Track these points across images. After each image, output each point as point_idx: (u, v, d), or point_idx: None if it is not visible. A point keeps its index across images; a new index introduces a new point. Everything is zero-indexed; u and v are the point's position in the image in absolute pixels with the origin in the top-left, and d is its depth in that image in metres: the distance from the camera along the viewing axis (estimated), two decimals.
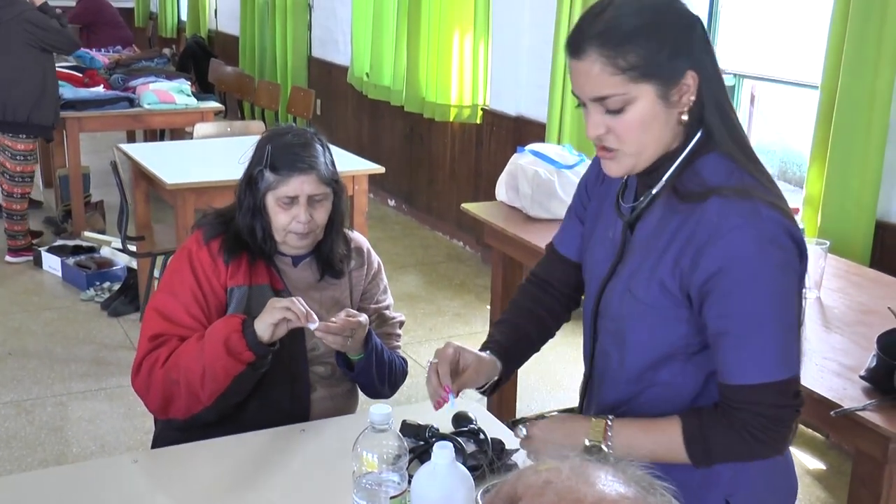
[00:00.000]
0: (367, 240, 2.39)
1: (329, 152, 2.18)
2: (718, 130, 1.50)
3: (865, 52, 3.32)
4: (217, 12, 10.11)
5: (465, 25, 5.65)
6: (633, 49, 1.43)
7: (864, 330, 2.45)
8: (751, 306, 1.45)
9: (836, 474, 3.48)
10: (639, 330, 1.57)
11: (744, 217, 1.43)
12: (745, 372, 1.46)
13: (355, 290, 2.28)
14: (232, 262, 2.12)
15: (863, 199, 3.40)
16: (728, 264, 1.44)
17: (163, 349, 2.04)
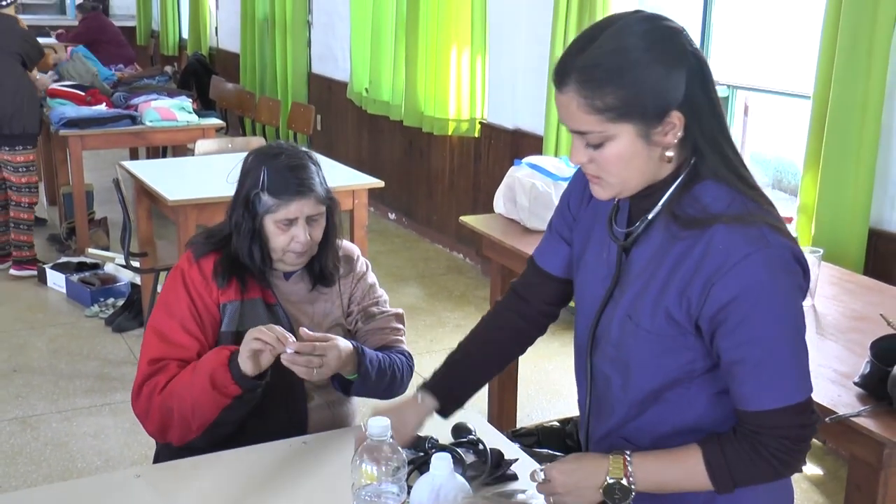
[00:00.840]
0: (357, 248, 2.38)
1: (320, 170, 2.19)
2: (711, 159, 1.49)
3: (856, 63, 3.34)
4: (218, 30, 10.15)
5: (462, 41, 5.67)
6: (611, 91, 1.41)
7: (858, 337, 2.45)
8: (767, 333, 1.45)
9: (833, 479, 3.48)
10: (642, 357, 1.56)
11: (753, 245, 1.43)
12: (766, 397, 1.47)
13: (344, 297, 2.27)
14: (231, 280, 2.14)
15: (856, 208, 3.41)
16: (742, 293, 1.43)
17: (161, 375, 2.05)
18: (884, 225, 3.47)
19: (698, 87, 1.45)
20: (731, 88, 4.38)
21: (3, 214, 5.68)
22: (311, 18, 8.02)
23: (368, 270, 2.36)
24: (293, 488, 1.83)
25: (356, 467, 1.57)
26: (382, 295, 2.36)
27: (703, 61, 1.47)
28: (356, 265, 2.33)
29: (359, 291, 2.30)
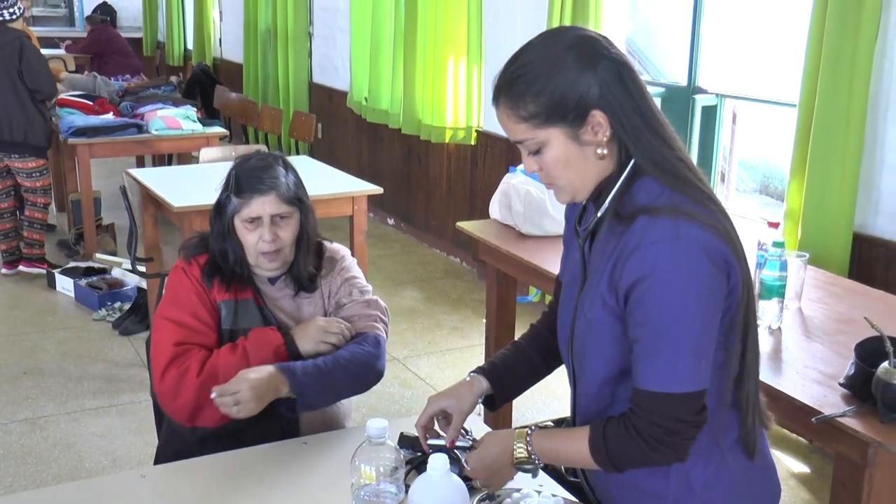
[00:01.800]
0: (344, 249, 2.36)
1: (292, 173, 2.19)
2: (640, 159, 1.51)
3: (840, 73, 3.34)
4: (222, 41, 10.15)
5: (458, 51, 5.67)
6: (531, 99, 1.48)
7: (843, 339, 2.45)
8: (660, 319, 1.45)
9: (820, 477, 3.48)
10: (593, 347, 1.59)
11: (663, 234, 1.45)
12: (647, 379, 1.48)
13: (328, 301, 2.26)
14: (216, 280, 2.16)
15: (840, 213, 3.41)
16: (643, 277, 1.45)
17: (191, 359, 2.06)
18: (867, 229, 3.47)
19: (616, 87, 1.48)
20: (719, 97, 4.38)
21: (11, 221, 5.71)
22: (312, 30, 8.03)
23: (351, 266, 2.32)
24: (293, 488, 1.83)
25: (355, 468, 1.57)
26: (360, 285, 2.30)
27: (621, 62, 1.50)
28: (340, 265, 2.30)
29: (335, 287, 2.28)
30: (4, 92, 5.34)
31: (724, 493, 1.59)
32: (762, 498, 1.68)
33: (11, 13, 5.39)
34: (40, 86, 5.47)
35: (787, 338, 2.51)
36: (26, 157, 5.50)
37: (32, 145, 5.47)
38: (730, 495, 1.60)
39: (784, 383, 2.23)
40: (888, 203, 3.41)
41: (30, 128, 5.42)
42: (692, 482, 1.57)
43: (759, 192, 5.78)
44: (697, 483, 1.57)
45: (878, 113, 3.38)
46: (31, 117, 5.42)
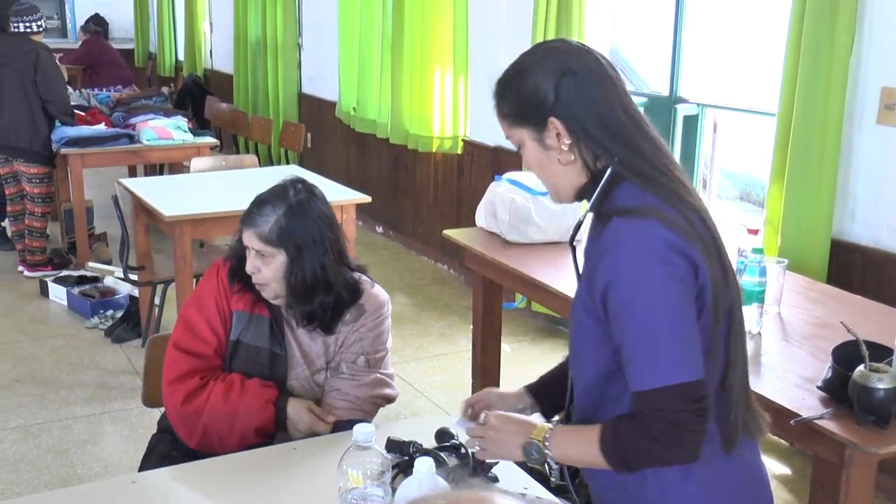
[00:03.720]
0: (384, 299, 2.28)
1: (291, 215, 2.11)
2: (612, 164, 1.53)
3: (817, 83, 3.37)
4: (212, 52, 10.14)
5: (445, 62, 5.68)
6: (507, 100, 1.58)
7: (821, 343, 2.47)
8: (639, 318, 1.46)
9: (801, 478, 3.49)
10: (580, 348, 1.61)
11: (632, 234, 1.47)
12: (641, 379, 1.47)
13: (335, 348, 2.22)
14: (239, 287, 2.19)
15: (818, 220, 3.43)
16: (615, 277, 1.47)
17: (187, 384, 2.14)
18: (844, 236, 3.49)
19: (574, 97, 1.52)
20: (700, 107, 4.41)
21: (17, 224, 5.87)
22: (301, 41, 8.03)
23: (378, 324, 2.24)
24: (283, 493, 1.83)
25: (342, 472, 1.57)
26: (375, 354, 2.23)
27: (586, 72, 1.53)
28: (367, 316, 2.23)
29: (350, 340, 2.21)
30: (15, 99, 5.48)
31: (699, 490, 1.58)
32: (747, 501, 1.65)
33: (38, 26, 5.61)
34: (53, 97, 5.60)
35: (767, 342, 2.52)
36: (30, 163, 5.63)
37: (36, 152, 5.60)
38: (707, 494, 1.59)
39: (764, 387, 2.24)
40: (864, 210, 3.43)
41: (35, 136, 5.56)
42: (664, 475, 1.56)
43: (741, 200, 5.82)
44: (671, 479, 1.56)
45: (854, 122, 3.41)
46: (39, 126, 5.57)
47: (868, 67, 3.35)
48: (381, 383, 2.23)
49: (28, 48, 5.50)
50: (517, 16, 5.05)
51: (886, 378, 2.00)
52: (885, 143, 3.34)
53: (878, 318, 2.64)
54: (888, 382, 2.00)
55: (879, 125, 3.34)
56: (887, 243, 3.36)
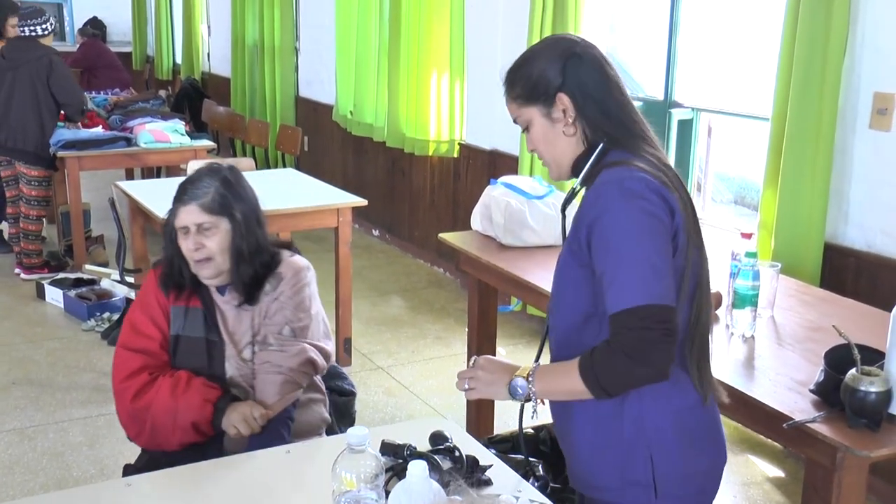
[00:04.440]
0: (303, 264, 2.33)
1: (227, 184, 2.21)
2: (608, 133, 1.74)
3: (811, 87, 3.38)
4: (210, 56, 10.14)
5: (441, 65, 5.69)
6: (518, 83, 1.79)
7: (814, 346, 2.48)
8: (615, 246, 1.64)
9: (794, 481, 3.50)
10: (562, 292, 1.79)
11: (614, 177, 1.68)
12: (616, 301, 1.63)
13: (260, 320, 2.25)
14: (170, 285, 2.25)
15: (812, 224, 3.44)
16: (599, 213, 1.66)
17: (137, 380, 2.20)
18: (838, 240, 3.50)
19: (581, 76, 1.74)
20: (695, 111, 4.42)
21: (16, 227, 5.91)
22: (298, 45, 8.04)
23: (299, 290, 2.27)
24: (277, 495, 1.83)
25: (336, 475, 1.57)
26: (298, 321, 2.25)
27: (588, 58, 1.76)
28: (284, 283, 2.26)
29: (273, 309, 2.24)
30: (24, 102, 5.55)
31: (669, 444, 1.75)
32: (708, 456, 1.81)
33: (44, 29, 5.64)
34: (71, 100, 5.71)
35: (760, 345, 2.53)
36: (31, 165, 5.67)
37: (40, 156, 5.64)
38: (674, 448, 1.75)
39: (757, 390, 2.25)
40: (857, 214, 3.44)
41: (42, 139, 5.63)
42: (643, 428, 1.73)
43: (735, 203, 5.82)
44: (648, 429, 1.73)
45: (847, 126, 3.42)
46: (46, 130, 5.64)
47: (861, 72, 3.36)
48: (307, 352, 2.25)
49: (40, 53, 5.58)
50: (513, 20, 5.06)
51: (878, 381, 2.01)
52: (877, 147, 3.35)
53: (870, 321, 2.64)
54: (879, 386, 2.00)
55: (872, 129, 3.35)
56: (880, 247, 3.37)
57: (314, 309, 2.30)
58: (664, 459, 1.75)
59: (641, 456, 1.74)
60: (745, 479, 3.56)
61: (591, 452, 1.78)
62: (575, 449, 1.82)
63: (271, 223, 4.31)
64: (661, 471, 1.74)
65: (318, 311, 2.33)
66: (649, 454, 1.74)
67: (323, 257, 6.13)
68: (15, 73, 5.55)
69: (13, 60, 5.58)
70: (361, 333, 4.84)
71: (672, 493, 1.76)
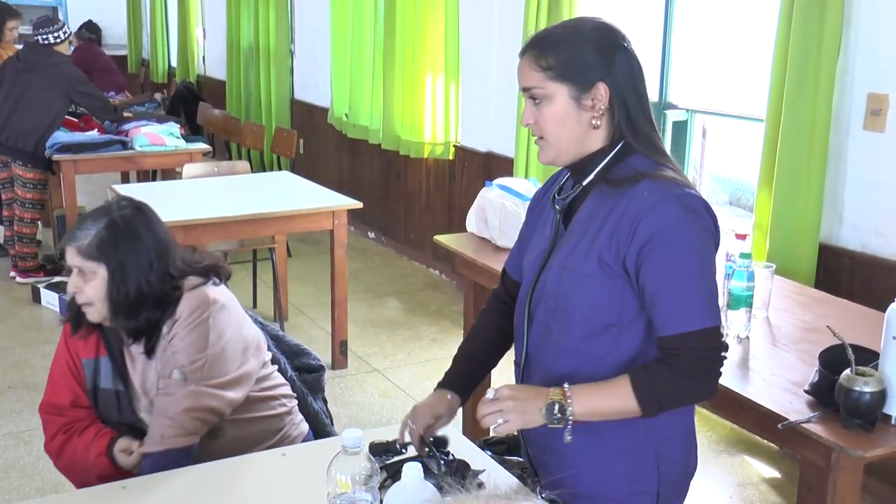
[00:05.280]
0: (202, 300, 2.09)
1: (113, 229, 2.03)
2: (632, 139, 1.68)
3: (805, 88, 3.38)
4: (205, 59, 10.14)
5: (436, 68, 5.69)
6: (553, 53, 1.66)
7: (809, 347, 2.48)
8: (681, 265, 1.61)
9: (790, 481, 3.50)
10: (577, 302, 1.69)
11: (670, 192, 1.62)
12: (682, 321, 1.60)
13: (161, 359, 2.11)
14: (81, 335, 2.16)
15: (806, 225, 3.45)
16: (661, 229, 1.60)
17: (60, 436, 2.18)
18: (833, 240, 3.51)
19: (625, 73, 1.67)
20: (689, 112, 4.42)
21: (11, 230, 5.93)
22: (293, 47, 8.04)
23: (197, 327, 2.06)
24: (272, 498, 1.83)
25: (331, 477, 1.57)
26: (195, 362, 2.05)
27: (634, 58, 1.70)
28: (180, 324, 2.07)
29: (167, 353, 2.07)
30: (32, 104, 5.61)
31: (670, 447, 1.75)
32: (689, 454, 1.82)
33: (56, 37, 5.69)
34: (101, 103, 5.88)
35: (755, 346, 2.53)
36: (28, 167, 5.68)
37: (39, 157, 5.66)
38: (673, 450, 1.76)
39: (752, 391, 2.25)
40: (852, 215, 3.45)
41: (41, 142, 5.64)
42: (653, 436, 1.72)
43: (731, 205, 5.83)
44: (659, 434, 1.73)
45: (841, 128, 3.43)
46: (49, 134, 5.67)
47: (855, 73, 3.37)
48: (200, 395, 2.05)
49: (56, 59, 5.68)
50: (508, 23, 5.07)
51: (872, 382, 2.01)
52: (871, 148, 3.36)
53: (865, 322, 2.65)
54: (874, 386, 2.01)
55: (866, 130, 3.36)
56: (875, 248, 3.38)
57: (220, 344, 2.08)
58: (668, 466, 1.75)
59: (649, 466, 1.73)
60: (740, 479, 3.56)
61: (598, 464, 1.74)
62: (574, 460, 1.74)
63: (267, 226, 4.40)
64: (664, 478, 1.74)
65: (227, 345, 2.09)
66: (657, 463, 1.73)
67: (319, 260, 6.14)
68: (30, 76, 5.62)
69: (30, 63, 5.66)
70: (357, 336, 4.84)
71: (669, 495, 1.77)
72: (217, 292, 2.14)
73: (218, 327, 2.08)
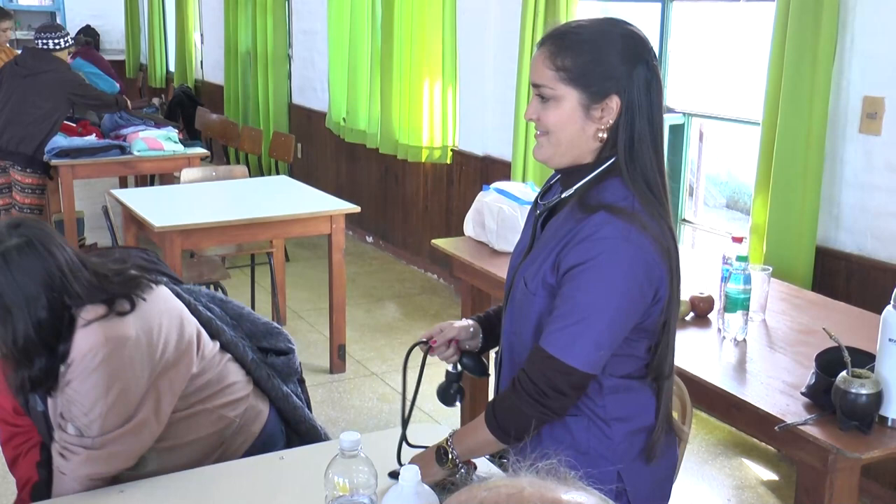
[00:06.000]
0: (89, 343, 1.83)
1: (9, 270, 1.79)
2: (623, 161, 1.60)
3: (800, 92, 3.39)
4: (203, 63, 10.14)
5: (434, 72, 5.70)
6: (571, 55, 1.58)
7: (805, 349, 2.49)
8: (583, 298, 1.56)
9: (788, 484, 3.51)
10: (528, 315, 1.68)
11: (615, 233, 1.55)
12: (551, 340, 1.59)
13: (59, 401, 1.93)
14: None
15: (803, 227, 3.45)
16: (583, 261, 1.56)
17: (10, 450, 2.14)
18: (829, 243, 3.51)
19: (642, 89, 1.58)
20: (686, 116, 4.43)
21: None
22: (291, 52, 8.04)
23: (86, 376, 1.82)
24: (270, 501, 1.83)
25: (329, 480, 1.57)
26: (88, 413, 1.84)
27: (656, 74, 1.61)
28: (72, 370, 1.84)
29: (62, 402, 1.88)
30: (30, 112, 5.62)
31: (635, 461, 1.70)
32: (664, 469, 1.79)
33: (56, 43, 5.71)
34: (100, 101, 5.97)
35: (752, 349, 2.54)
36: (27, 172, 5.69)
37: (38, 162, 5.67)
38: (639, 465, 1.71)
39: (749, 393, 2.26)
40: (849, 217, 3.46)
41: (40, 146, 5.65)
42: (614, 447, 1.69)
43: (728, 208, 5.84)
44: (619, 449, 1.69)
45: (837, 130, 3.44)
46: (48, 139, 5.68)
47: (850, 77, 3.38)
48: (98, 461, 1.87)
49: (55, 66, 5.69)
50: (505, 27, 5.08)
51: (868, 384, 2.02)
52: (867, 151, 3.36)
53: (861, 324, 2.66)
54: (870, 388, 2.01)
55: (862, 134, 3.37)
56: (871, 250, 3.38)
57: (119, 386, 1.85)
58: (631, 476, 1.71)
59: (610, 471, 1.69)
60: (738, 482, 3.56)
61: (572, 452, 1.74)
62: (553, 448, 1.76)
63: (265, 231, 4.41)
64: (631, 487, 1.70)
65: (129, 386, 1.87)
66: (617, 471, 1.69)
67: (316, 264, 6.14)
68: (29, 80, 5.64)
69: (28, 69, 5.68)
70: (355, 340, 4.84)
71: None
72: (116, 326, 1.85)
73: (114, 370, 1.83)
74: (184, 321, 2.02)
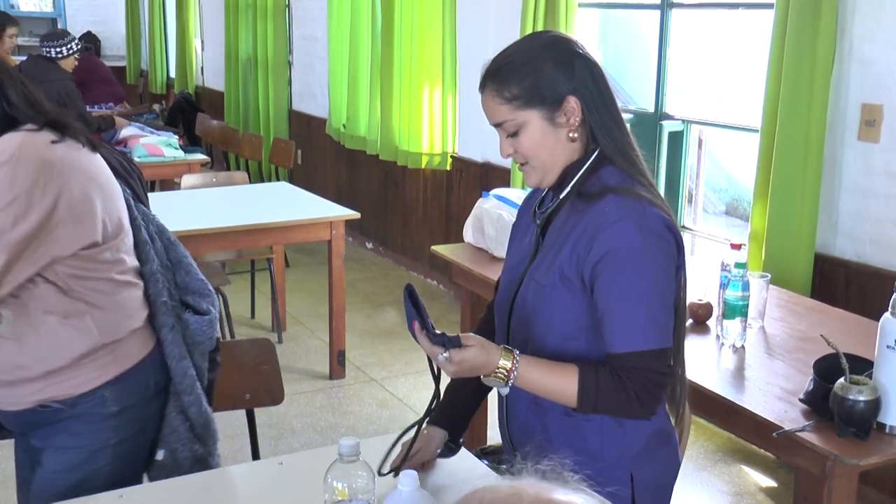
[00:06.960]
0: (6, 141, 1.82)
1: None
2: (607, 148, 1.67)
3: (799, 99, 3.40)
4: (203, 69, 10.16)
5: (434, 79, 5.72)
6: (515, 82, 1.64)
7: (804, 356, 2.49)
8: (632, 286, 1.60)
9: (787, 491, 3.51)
10: (542, 312, 1.69)
11: (631, 210, 1.61)
12: (626, 341, 1.60)
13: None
14: None
15: (802, 234, 3.46)
16: (615, 249, 1.60)
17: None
18: (828, 250, 3.52)
19: (588, 80, 1.65)
20: (685, 123, 4.44)
21: None
22: (291, 58, 8.06)
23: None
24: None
25: (328, 485, 1.58)
26: None
27: (593, 62, 1.69)
28: None
29: None
30: None
31: (648, 463, 1.73)
32: (671, 468, 1.82)
33: (58, 52, 5.67)
34: (85, 120, 5.85)
35: (750, 356, 2.54)
36: None
37: None
38: (651, 465, 1.74)
39: (747, 400, 2.26)
40: (847, 224, 3.46)
41: None
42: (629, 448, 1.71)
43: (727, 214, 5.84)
44: (631, 451, 1.71)
45: (836, 137, 3.45)
46: None
47: (849, 84, 3.39)
48: None
49: (58, 76, 5.71)
50: (505, 34, 5.09)
51: (866, 390, 2.02)
52: (866, 158, 3.38)
53: (859, 331, 2.66)
54: (868, 394, 2.02)
55: (861, 141, 3.38)
56: (870, 257, 3.39)
57: None
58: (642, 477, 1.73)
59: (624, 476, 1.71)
60: (737, 489, 3.57)
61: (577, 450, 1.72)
62: (556, 445, 1.74)
63: (265, 237, 4.42)
64: (640, 488, 1.72)
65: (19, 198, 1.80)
66: (629, 472, 1.71)
67: (316, 270, 6.15)
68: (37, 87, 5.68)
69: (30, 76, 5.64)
70: (355, 346, 4.84)
71: None
72: (39, 142, 1.83)
73: (13, 179, 1.77)
74: (105, 200, 1.93)
